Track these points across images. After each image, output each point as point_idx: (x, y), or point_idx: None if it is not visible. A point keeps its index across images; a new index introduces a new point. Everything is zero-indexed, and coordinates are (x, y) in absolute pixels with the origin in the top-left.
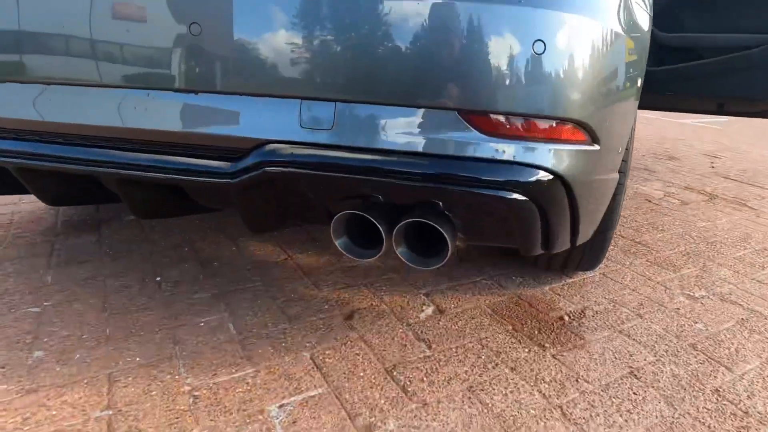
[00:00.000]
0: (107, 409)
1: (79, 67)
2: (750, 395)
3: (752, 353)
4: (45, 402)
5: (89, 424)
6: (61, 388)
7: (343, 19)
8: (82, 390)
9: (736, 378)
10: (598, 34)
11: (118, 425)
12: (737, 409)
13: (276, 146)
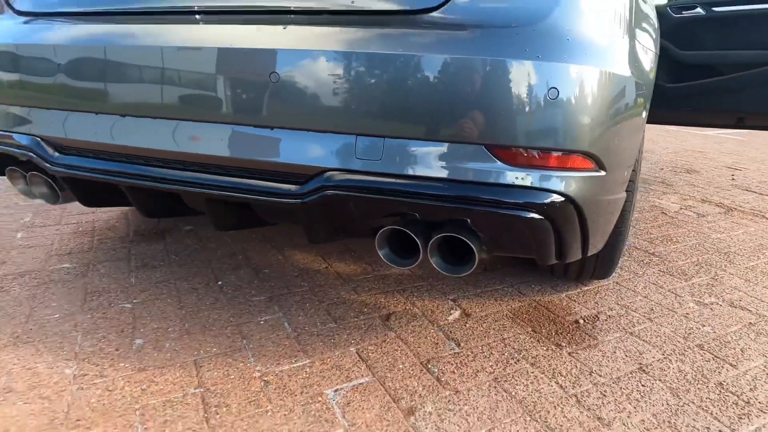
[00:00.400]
0: (199, 387)
1: (186, 106)
2: (753, 388)
3: (757, 353)
4: (153, 378)
5: (188, 397)
6: (161, 369)
7: (392, 73)
8: (177, 371)
9: (740, 374)
10: (602, 80)
11: (209, 400)
12: (739, 399)
13: (336, 173)
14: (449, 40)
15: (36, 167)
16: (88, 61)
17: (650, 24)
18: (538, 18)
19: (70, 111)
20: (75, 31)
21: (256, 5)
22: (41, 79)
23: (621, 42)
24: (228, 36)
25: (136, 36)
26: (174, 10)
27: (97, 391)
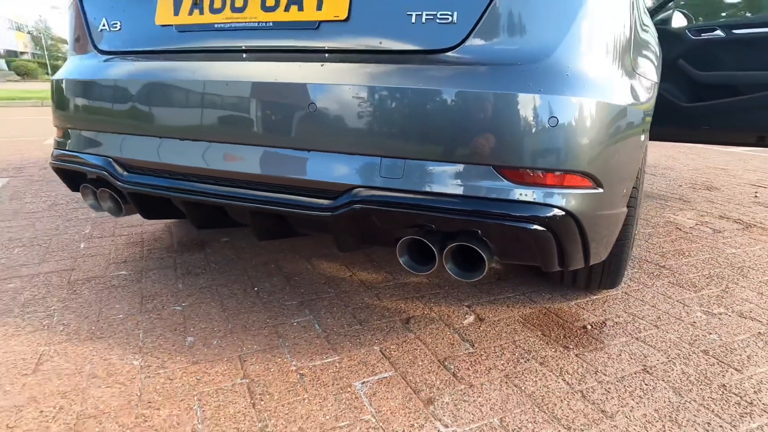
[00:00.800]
0: (244, 378)
1: (236, 131)
2: (756, 391)
3: (764, 360)
4: (205, 370)
5: (236, 386)
6: (211, 362)
7: (412, 104)
8: (225, 365)
9: (745, 378)
10: (598, 109)
11: (255, 389)
12: (742, 399)
13: (362, 189)
14: (462, 75)
15: (106, 184)
16: (154, 92)
17: (650, 50)
18: (541, 57)
19: (138, 135)
20: (144, 67)
21: (298, 45)
22: (115, 108)
23: (616, 75)
24: (273, 72)
25: (193, 71)
26: (226, 49)
27: (161, 379)
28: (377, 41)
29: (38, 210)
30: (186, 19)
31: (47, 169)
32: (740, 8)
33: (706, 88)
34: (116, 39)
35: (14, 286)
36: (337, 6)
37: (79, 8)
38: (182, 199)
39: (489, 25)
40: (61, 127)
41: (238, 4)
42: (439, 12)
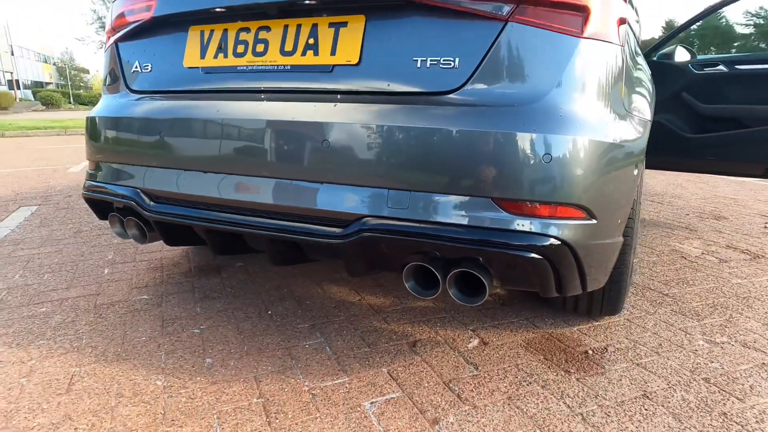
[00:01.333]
0: (260, 398)
1: (254, 164)
2: (759, 421)
3: (767, 391)
4: (223, 390)
5: (252, 405)
6: (228, 382)
7: (417, 141)
8: (241, 385)
9: (747, 407)
10: (589, 146)
11: (270, 408)
12: (743, 428)
13: (371, 219)
14: (463, 115)
15: (133, 213)
16: (181, 128)
17: (643, 87)
18: (535, 99)
19: (165, 168)
20: (172, 105)
21: (313, 87)
22: (144, 143)
23: (607, 114)
24: (290, 111)
25: (217, 109)
26: (247, 90)
27: (182, 399)
28: (386, 84)
29: (65, 237)
30: (211, 62)
31: (72, 197)
32: (752, 39)
33: (710, 120)
34: (147, 80)
35: (45, 310)
36: (349, 51)
37: (115, 52)
38: (204, 227)
39: (488, 70)
40: (94, 160)
41: (259, 49)
42: (442, 58)
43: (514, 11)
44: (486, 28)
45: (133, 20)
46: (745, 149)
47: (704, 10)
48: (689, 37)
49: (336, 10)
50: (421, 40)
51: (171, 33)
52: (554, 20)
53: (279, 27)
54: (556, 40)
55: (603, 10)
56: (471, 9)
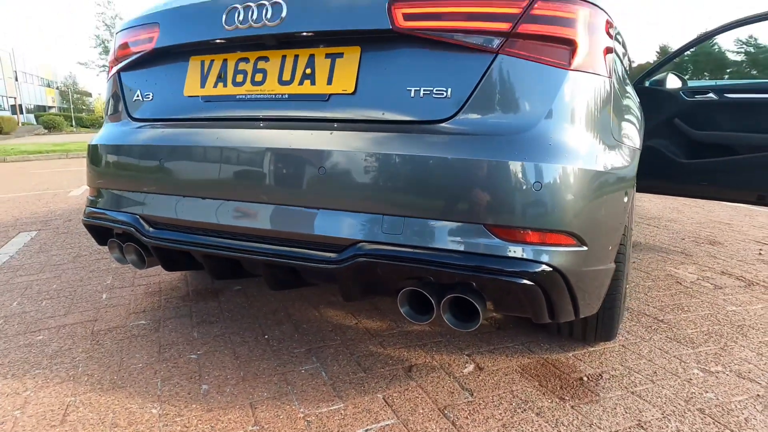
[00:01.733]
0: (255, 425)
1: (251, 191)
2: None
3: (762, 424)
4: (219, 417)
5: None
6: (224, 409)
7: (411, 168)
8: (237, 412)
9: None
10: (578, 175)
11: None
12: None
13: (366, 244)
14: (455, 143)
15: (132, 239)
16: (181, 155)
17: (631, 115)
18: (525, 129)
19: (165, 194)
20: (173, 133)
21: (310, 115)
22: (145, 170)
23: (595, 143)
24: (287, 138)
25: (216, 137)
26: (246, 118)
27: (178, 427)
28: (380, 113)
29: (63, 262)
30: (211, 91)
31: (72, 221)
32: (744, 66)
33: (702, 147)
34: (149, 108)
35: (42, 338)
36: (345, 81)
37: (118, 81)
38: (202, 252)
39: (479, 100)
40: (95, 187)
41: (258, 78)
42: (435, 88)
43: (504, 44)
44: (477, 59)
45: (135, 51)
46: (737, 176)
47: (695, 38)
48: (684, 63)
49: (332, 42)
50: (414, 70)
51: (172, 63)
52: (543, 53)
53: (277, 57)
54: (545, 71)
55: (589, 44)
56: (462, 42)
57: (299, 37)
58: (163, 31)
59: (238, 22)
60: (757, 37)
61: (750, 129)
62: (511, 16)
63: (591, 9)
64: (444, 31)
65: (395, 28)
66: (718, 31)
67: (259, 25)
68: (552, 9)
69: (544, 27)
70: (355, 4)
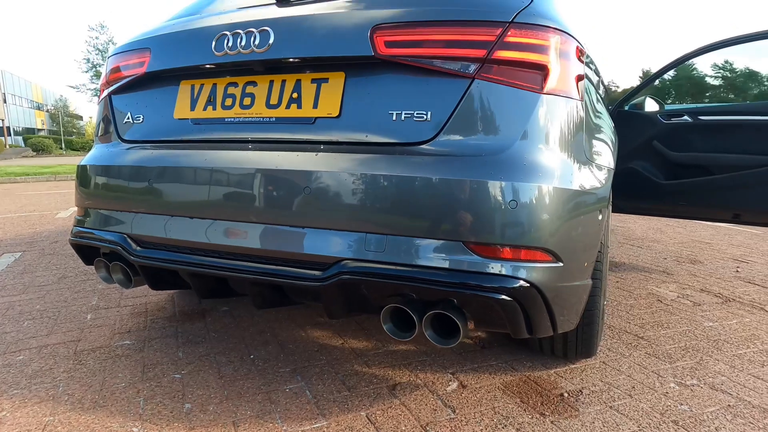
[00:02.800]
0: None
1: (238, 210)
2: None
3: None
4: None
5: None
6: (206, 428)
7: (393, 187)
8: (219, 429)
9: None
10: (552, 193)
11: None
12: None
13: (350, 262)
14: (435, 164)
15: (118, 258)
16: (170, 176)
17: (604, 135)
18: (501, 150)
19: (153, 214)
20: (162, 154)
21: (296, 138)
22: (134, 190)
23: (569, 163)
24: (275, 160)
25: (205, 158)
26: (234, 140)
27: None
28: (364, 135)
29: (48, 283)
30: (201, 114)
31: (58, 242)
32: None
33: (680, 168)
34: (139, 130)
35: (23, 358)
36: (330, 105)
37: (109, 104)
38: (189, 271)
39: (457, 122)
40: (83, 207)
41: (246, 102)
42: (415, 111)
43: (480, 69)
44: (454, 84)
45: (126, 75)
46: (713, 195)
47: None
48: (666, 87)
49: (318, 67)
50: (396, 95)
51: (162, 86)
52: (516, 78)
53: (265, 82)
54: (519, 95)
55: (561, 69)
56: (441, 68)
57: (286, 62)
58: (155, 55)
59: (227, 49)
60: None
61: (724, 150)
62: (486, 43)
63: (562, 36)
64: (423, 57)
65: (377, 55)
66: (693, 54)
67: (248, 51)
68: (524, 36)
69: (517, 53)
70: (339, 32)
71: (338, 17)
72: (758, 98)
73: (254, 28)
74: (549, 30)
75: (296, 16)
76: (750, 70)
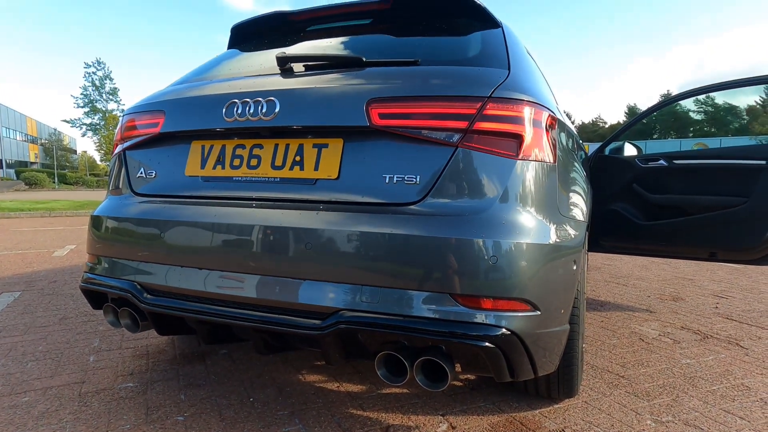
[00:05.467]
0: None
1: (243, 263)
2: None
3: None
4: None
5: None
6: None
7: (385, 244)
8: None
9: None
10: (528, 249)
11: None
12: None
13: (346, 312)
14: (423, 223)
15: (128, 304)
16: (179, 229)
17: (579, 189)
18: (481, 210)
19: (163, 264)
20: (173, 209)
21: (298, 197)
22: (145, 241)
23: (544, 220)
24: (278, 217)
25: (213, 214)
26: (241, 197)
27: None
28: (360, 196)
29: (50, 324)
30: (210, 172)
31: (57, 282)
32: (705, 125)
33: (659, 209)
34: (151, 185)
35: (28, 400)
36: (330, 168)
37: (122, 159)
38: (197, 318)
39: (443, 185)
40: (95, 254)
41: (253, 163)
42: (406, 175)
43: (463, 138)
44: (440, 151)
45: (141, 133)
46: (690, 235)
47: (646, 110)
48: (651, 121)
49: (318, 134)
50: (389, 160)
51: (175, 145)
52: (495, 145)
53: (270, 145)
54: (497, 161)
55: (534, 136)
56: (428, 137)
57: (290, 129)
58: (168, 117)
59: (236, 115)
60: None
61: (698, 191)
62: (468, 116)
63: (535, 108)
64: (413, 128)
65: (372, 125)
66: (672, 100)
67: (256, 118)
68: (501, 109)
69: (495, 124)
70: (338, 104)
71: (337, 90)
72: (738, 132)
73: (262, 97)
74: (523, 102)
75: (300, 88)
76: (729, 105)
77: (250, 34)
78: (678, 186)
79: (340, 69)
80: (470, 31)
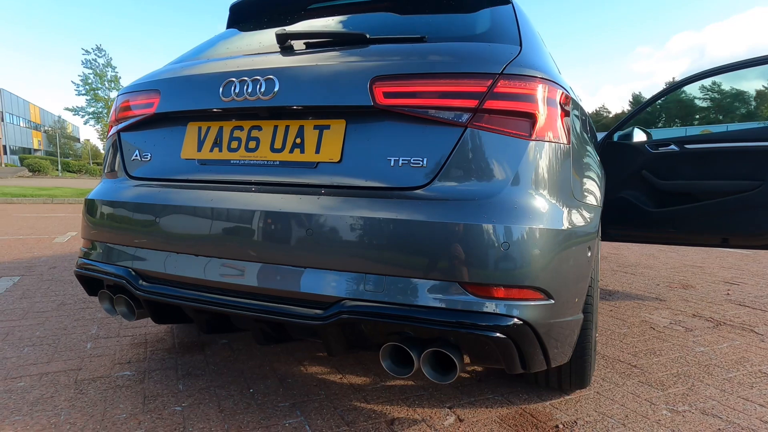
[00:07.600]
0: None
1: (243, 250)
2: None
3: None
4: None
5: None
6: None
7: (390, 230)
8: None
9: None
10: (542, 234)
11: None
12: None
13: (349, 301)
14: (430, 208)
15: (123, 291)
16: (175, 214)
17: (592, 173)
18: (492, 194)
19: (158, 250)
20: (169, 192)
21: (299, 181)
22: (140, 226)
23: (557, 205)
24: (278, 202)
25: (210, 198)
26: (239, 182)
27: None
28: (363, 180)
29: (47, 309)
30: (207, 155)
31: (56, 268)
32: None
33: (669, 195)
34: (146, 168)
35: (24, 385)
36: (332, 151)
37: (117, 141)
38: (194, 307)
39: (451, 168)
40: (89, 239)
41: (252, 146)
42: (412, 158)
43: (472, 118)
44: (449, 132)
45: (136, 114)
46: (701, 221)
47: (657, 93)
48: (656, 111)
49: (320, 115)
50: (394, 142)
51: (171, 126)
52: (506, 126)
53: (269, 127)
54: (509, 142)
55: (548, 116)
56: (436, 117)
57: (290, 109)
58: (164, 97)
59: (234, 95)
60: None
61: (710, 176)
62: (478, 94)
63: (548, 85)
64: (419, 107)
65: (376, 105)
66: (679, 84)
67: (254, 98)
68: (513, 87)
69: (507, 103)
70: (340, 82)
71: (340, 68)
72: (745, 118)
73: (260, 76)
74: (536, 80)
75: (300, 66)
76: (737, 90)
77: (249, 12)
78: (689, 171)
79: (343, 46)
80: (479, 6)
